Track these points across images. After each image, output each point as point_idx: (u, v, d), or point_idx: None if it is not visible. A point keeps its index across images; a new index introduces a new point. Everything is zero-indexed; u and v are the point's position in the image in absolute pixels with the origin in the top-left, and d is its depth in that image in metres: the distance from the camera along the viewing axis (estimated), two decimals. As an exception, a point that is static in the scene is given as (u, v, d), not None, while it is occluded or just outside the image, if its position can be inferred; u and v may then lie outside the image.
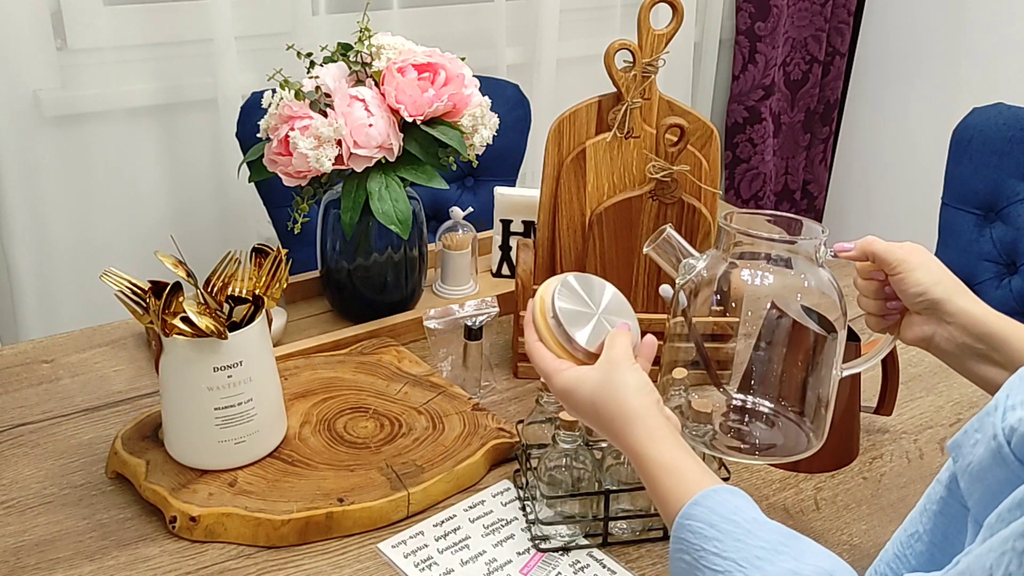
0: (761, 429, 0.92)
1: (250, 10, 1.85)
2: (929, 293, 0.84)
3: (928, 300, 0.84)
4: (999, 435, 0.53)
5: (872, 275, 0.89)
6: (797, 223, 0.91)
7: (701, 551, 0.66)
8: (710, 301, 0.90)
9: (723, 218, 0.90)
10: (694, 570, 0.66)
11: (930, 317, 0.85)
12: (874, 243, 0.86)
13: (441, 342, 1.21)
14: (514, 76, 2.03)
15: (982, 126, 1.64)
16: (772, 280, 0.89)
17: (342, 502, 0.95)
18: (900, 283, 0.85)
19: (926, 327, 0.86)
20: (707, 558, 0.65)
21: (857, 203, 2.71)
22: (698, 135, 1.18)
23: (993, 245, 1.65)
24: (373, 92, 1.20)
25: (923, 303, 0.84)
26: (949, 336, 0.84)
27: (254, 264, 1.01)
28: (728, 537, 0.65)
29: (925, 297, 0.84)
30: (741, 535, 0.65)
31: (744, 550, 0.64)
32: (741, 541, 0.65)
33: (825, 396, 0.89)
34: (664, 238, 0.92)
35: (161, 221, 1.90)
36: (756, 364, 0.92)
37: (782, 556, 0.64)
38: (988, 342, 0.82)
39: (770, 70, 2.52)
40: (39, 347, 1.27)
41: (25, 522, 0.96)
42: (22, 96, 1.70)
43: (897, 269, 0.85)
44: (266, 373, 1.01)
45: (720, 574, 0.64)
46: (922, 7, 2.43)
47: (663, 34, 1.15)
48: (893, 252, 0.85)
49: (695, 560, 0.66)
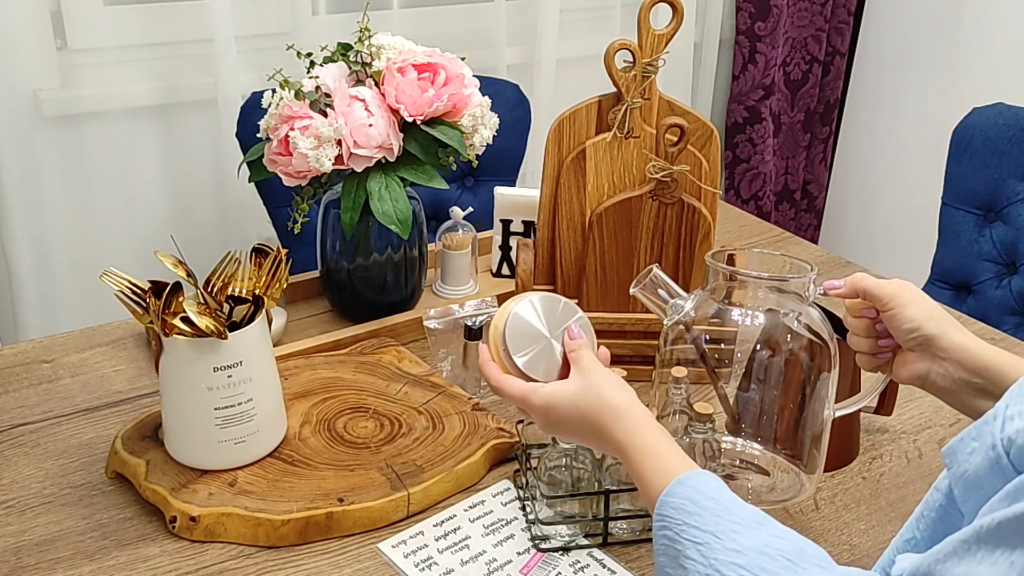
0: (754, 477, 0.91)
1: (250, 10, 1.85)
2: (922, 329, 0.83)
3: (921, 336, 0.83)
4: (998, 445, 0.53)
5: (863, 312, 0.87)
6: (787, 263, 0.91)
7: (683, 525, 0.68)
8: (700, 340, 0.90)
9: (710, 256, 0.90)
10: (675, 544, 0.68)
11: (924, 354, 0.84)
12: (864, 280, 0.85)
13: (441, 342, 1.21)
14: (514, 76, 2.03)
15: (982, 126, 1.64)
16: (762, 320, 0.88)
17: (342, 502, 0.95)
18: (892, 319, 0.84)
19: (920, 364, 0.85)
20: (688, 531, 0.68)
21: (857, 203, 2.71)
22: (698, 135, 1.18)
23: (993, 245, 1.65)
24: (373, 92, 1.20)
25: (916, 339, 0.84)
26: (945, 372, 0.83)
27: (254, 264, 1.01)
28: (707, 513, 0.68)
29: (918, 333, 0.83)
30: (720, 511, 0.68)
31: (722, 524, 0.67)
32: (720, 516, 0.67)
33: (818, 436, 0.88)
34: (651, 278, 0.91)
35: (161, 221, 1.90)
36: (747, 406, 0.91)
37: (757, 531, 0.66)
38: (985, 376, 0.81)
39: (770, 70, 2.52)
40: (39, 347, 1.27)
41: (25, 522, 0.96)
42: (22, 96, 1.70)
43: (889, 305, 0.84)
44: (266, 373, 1.01)
45: (699, 545, 0.66)
46: (922, 7, 2.43)
47: (663, 34, 1.15)
48: (884, 288, 0.84)
49: (676, 535, 0.68)
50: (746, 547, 0.65)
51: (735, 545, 0.65)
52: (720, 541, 0.66)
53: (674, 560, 0.68)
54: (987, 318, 1.53)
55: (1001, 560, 0.49)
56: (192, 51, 1.82)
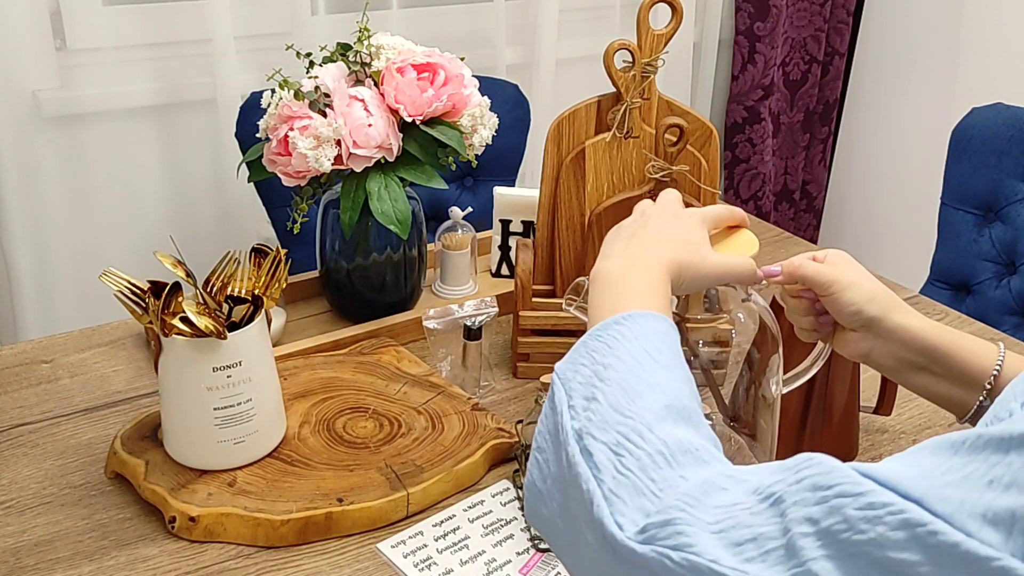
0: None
1: (249, 10, 1.85)
2: (863, 313, 0.82)
3: (862, 319, 0.82)
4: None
5: (801, 294, 0.86)
6: None
7: (598, 363, 0.64)
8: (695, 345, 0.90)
9: None
10: (579, 366, 0.64)
11: (866, 334, 0.83)
12: (801, 267, 0.84)
13: (440, 342, 1.21)
14: (513, 76, 2.03)
15: (981, 126, 1.64)
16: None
17: (341, 502, 0.95)
18: (832, 304, 0.83)
19: (863, 344, 0.84)
20: (596, 370, 0.63)
21: (856, 203, 2.71)
22: (697, 135, 1.18)
23: (992, 245, 1.65)
24: (372, 92, 1.20)
25: (857, 322, 0.83)
26: (887, 352, 0.83)
27: (253, 264, 1.01)
28: (631, 357, 0.63)
29: (859, 317, 0.82)
30: (642, 361, 0.64)
31: (635, 377, 0.62)
32: (639, 367, 0.63)
33: (771, 415, 0.89)
34: (586, 292, 0.84)
35: (160, 221, 1.90)
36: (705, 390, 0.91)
37: (664, 420, 0.60)
38: (927, 355, 0.81)
39: (769, 70, 2.52)
40: (38, 347, 1.27)
41: (24, 522, 0.96)
42: (21, 96, 1.70)
43: (829, 290, 0.82)
44: (265, 373, 1.01)
45: (596, 387, 0.62)
46: (921, 7, 2.43)
47: (662, 34, 1.15)
48: (823, 274, 0.83)
49: (591, 358, 0.64)
50: (637, 417, 0.59)
51: (628, 408, 0.60)
52: (621, 394, 0.61)
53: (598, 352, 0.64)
54: (986, 318, 1.53)
55: (986, 459, 0.47)
56: (191, 51, 1.82)
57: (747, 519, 0.52)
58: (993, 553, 0.43)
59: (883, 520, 0.46)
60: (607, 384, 0.62)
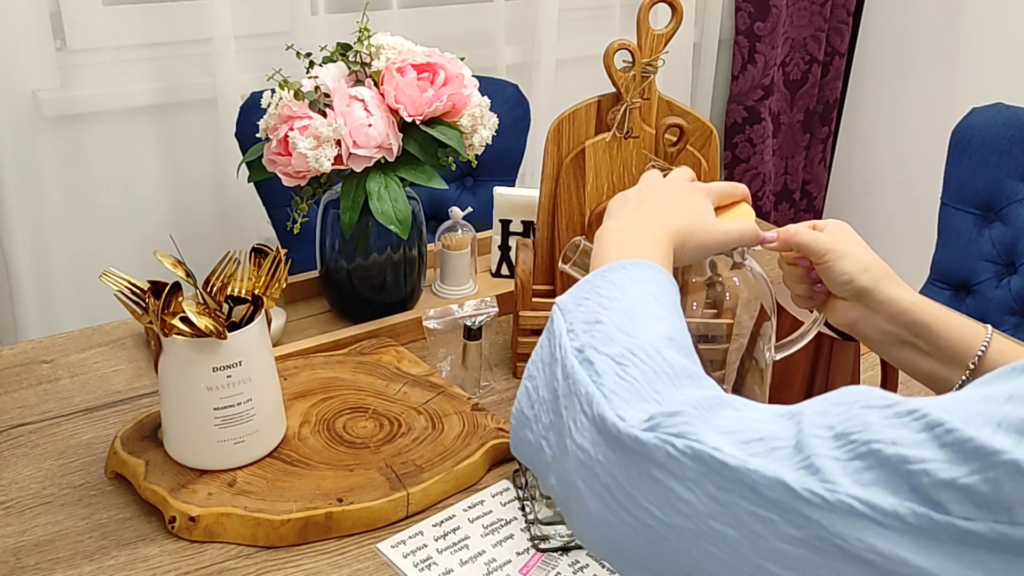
0: None
1: (249, 10, 1.85)
2: (855, 282, 0.83)
3: (854, 288, 0.84)
4: None
5: (797, 261, 0.88)
6: None
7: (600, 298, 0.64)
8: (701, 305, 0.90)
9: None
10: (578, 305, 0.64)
11: (856, 303, 0.85)
12: (797, 234, 0.85)
13: (440, 342, 1.21)
14: (513, 76, 2.03)
15: (981, 126, 1.64)
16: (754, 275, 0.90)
17: (341, 502, 0.95)
18: (826, 272, 0.85)
19: (851, 313, 0.85)
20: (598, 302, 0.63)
21: (856, 203, 2.71)
22: (697, 135, 1.18)
23: (992, 245, 1.65)
24: (372, 92, 1.20)
25: (849, 291, 0.84)
26: (874, 324, 0.84)
27: (253, 264, 1.01)
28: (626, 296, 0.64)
29: (851, 286, 0.84)
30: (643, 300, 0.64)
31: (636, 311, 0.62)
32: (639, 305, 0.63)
33: (762, 380, 0.90)
34: (582, 251, 0.88)
35: (160, 221, 1.90)
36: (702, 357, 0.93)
37: (665, 344, 0.60)
38: (913, 330, 0.82)
39: (769, 70, 2.53)
40: (38, 347, 1.27)
41: (24, 522, 0.96)
42: (21, 96, 1.70)
43: (824, 258, 0.84)
44: (265, 373, 1.01)
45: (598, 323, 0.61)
46: (921, 7, 2.43)
47: (662, 34, 1.15)
48: (818, 242, 0.84)
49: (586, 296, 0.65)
50: (642, 338, 0.59)
51: (634, 331, 0.60)
52: (622, 321, 0.61)
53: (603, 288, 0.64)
54: (986, 318, 1.53)
55: (1010, 380, 0.48)
56: (191, 51, 1.82)
57: (758, 426, 0.51)
58: (1004, 447, 0.44)
59: (907, 424, 0.47)
60: (611, 313, 0.62)
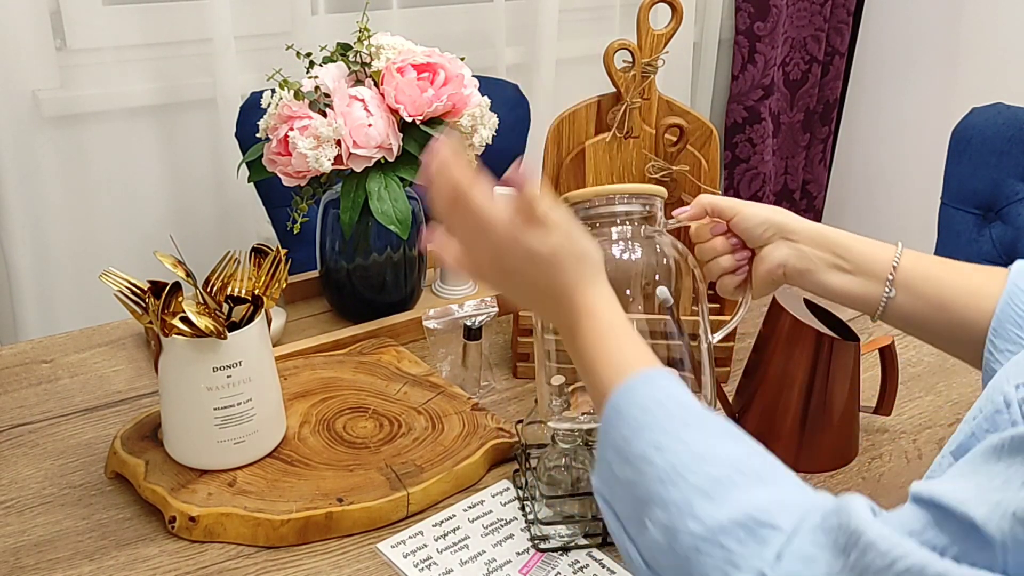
0: None
1: (249, 10, 1.85)
2: (771, 219, 0.89)
3: (771, 224, 0.89)
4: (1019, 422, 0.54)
5: (714, 231, 0.92)
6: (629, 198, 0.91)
7: (643, 428, 0.63)
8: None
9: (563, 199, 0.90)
10: (631, 445, 0.63)
11: (779, 243, 0.89)
12: (705, 196, 0.91)
13: (440, 342, 1.21)
14: (513, 76, 2.03)
15: (981, 126, 1.64)
16: (639, 253, 0.89)
17: (341, 502, 0.95)
18: (743, 221, 0.89)
19: (778, 252, 0.89)
20: (648, 434, 0.63)
21: (856, 203, 2.71)
22: (697, 135, 1.18)
23: (993, 245, 1.65)
24: (372, 92, 1.20)
25: (768, 229, 0.89)
26: (803, 253, 0.88)
27: (253, 264, 1.01)
28: (671, 417, 0.63)
29: (768, 223, 0.89)
30: (686, 417, 0.64)
31: (690, 431, 0.62)
32: (687, 423, 0.63)
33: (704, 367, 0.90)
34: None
35: (160, 221, 1.90)
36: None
37: (726, 441, 0.62)
38: (835, 250, 0.88)
39: (769, 70, 2.52)
40: (38, 347, 1.27)
41: (24, 522, 0.96)
42: (21, 96, 1.70)
43: (734, 210, 0.89)
44: (265, 373, 1.01)
45: (661, 451, 0.61)
46: (921, 7, 2.43)
47: (662, 34, 1.15)
48: (724, 199, 0.90)
49: (634, 434, 0.63)
50: (718, 456, 0.60)
51: (705, 452, 0.60)
52: (687, 447, 0.61)
53: (626, 461, 0.62)
54: (986, 318, 1.53)
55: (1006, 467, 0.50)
56: (191, 51, 1.82)
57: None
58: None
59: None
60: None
